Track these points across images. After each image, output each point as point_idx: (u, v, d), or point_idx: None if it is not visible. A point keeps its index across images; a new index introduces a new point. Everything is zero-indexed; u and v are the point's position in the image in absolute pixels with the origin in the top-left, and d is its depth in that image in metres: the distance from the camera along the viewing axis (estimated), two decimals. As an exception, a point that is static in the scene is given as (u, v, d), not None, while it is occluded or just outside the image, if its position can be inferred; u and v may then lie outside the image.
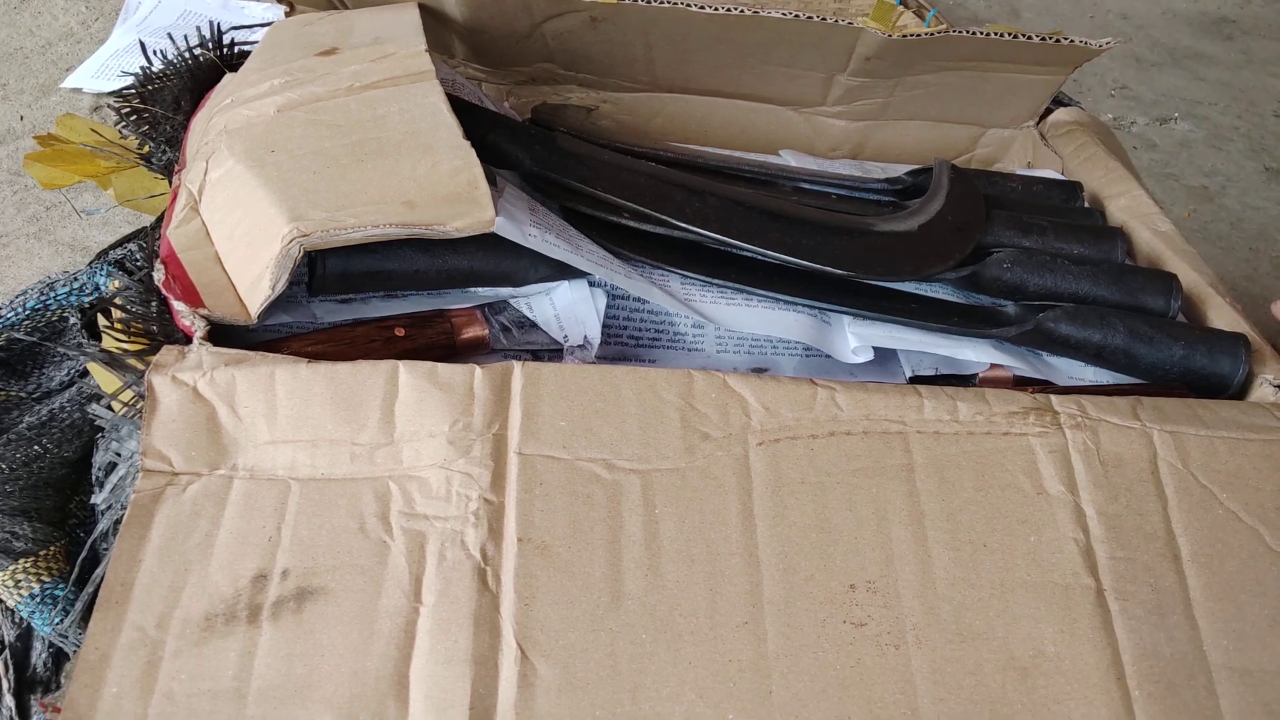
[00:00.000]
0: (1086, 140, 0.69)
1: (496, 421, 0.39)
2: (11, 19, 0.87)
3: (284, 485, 0.38)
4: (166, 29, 0.88)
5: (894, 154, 0.73)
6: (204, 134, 0.50)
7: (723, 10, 0.60)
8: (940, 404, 0.42)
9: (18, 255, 0.93)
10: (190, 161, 0.49)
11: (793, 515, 0.39)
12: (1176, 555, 0.40)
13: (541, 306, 0.50)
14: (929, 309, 0.54)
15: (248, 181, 0.44)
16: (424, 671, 0.34)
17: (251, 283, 0.42)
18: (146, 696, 0.33)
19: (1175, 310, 0.55)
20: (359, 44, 0.53)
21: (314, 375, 0.40)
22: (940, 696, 0.36)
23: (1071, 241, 0.59)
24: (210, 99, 0.56)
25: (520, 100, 0.69)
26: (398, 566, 0.36)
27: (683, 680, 0.35)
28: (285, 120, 0.48)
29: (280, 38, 0.57)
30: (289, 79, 0.51)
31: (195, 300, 0.43)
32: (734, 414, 0.41)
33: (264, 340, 0.44)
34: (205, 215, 0.46)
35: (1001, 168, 0.74)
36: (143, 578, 0.35)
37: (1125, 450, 0.42)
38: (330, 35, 0.55)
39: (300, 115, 0.48)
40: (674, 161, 0.61)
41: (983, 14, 1.22)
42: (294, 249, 0.41)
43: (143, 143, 0.58)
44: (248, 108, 0.49)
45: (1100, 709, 0.36)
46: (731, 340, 0.53)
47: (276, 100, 0.49)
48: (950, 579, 0.38)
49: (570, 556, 0.37)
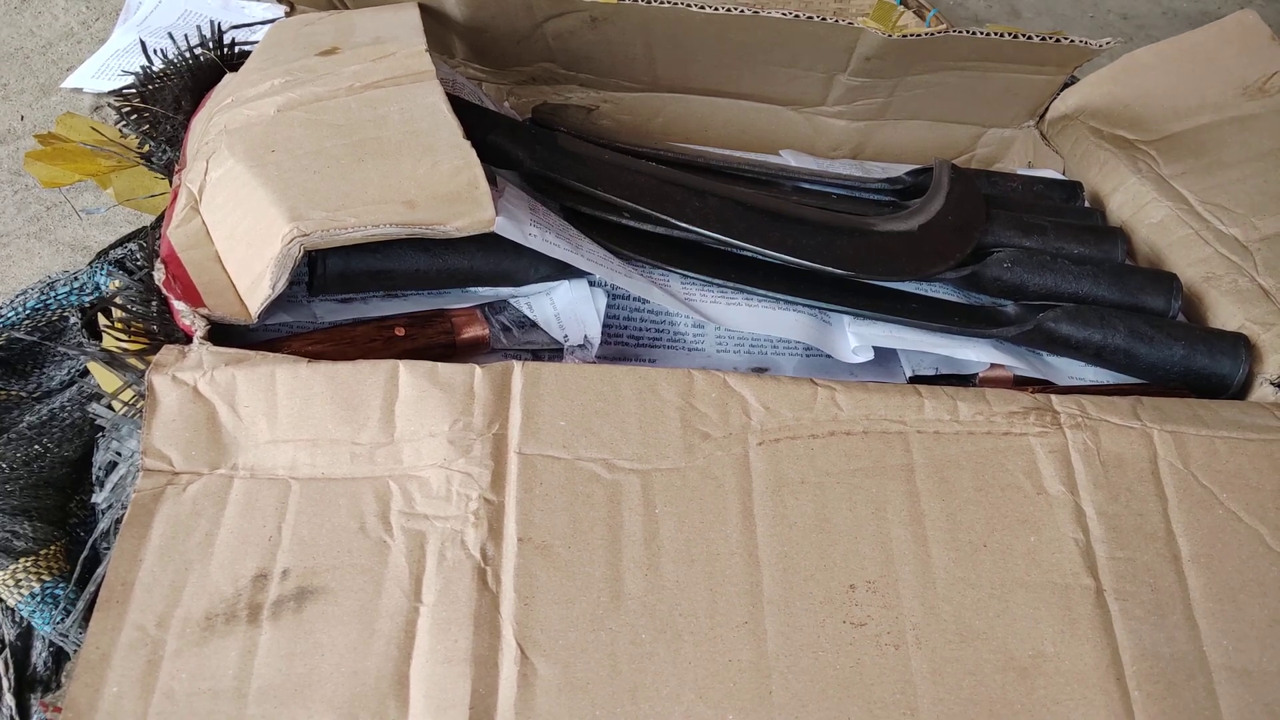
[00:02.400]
0: (1084, 134, 0.69)
1: (497, 421, 0.39)
2: (12, 19, 0.87)
3: (284, 485, 0.38)
4: (167, 29, 0.88)
5: (894, 154, 0.73)
6: (204, 133, 0.50)
7: (723, 10, 0.60)
8: (940, 404, 0.42)
9: (18, 255, 0.93)
10: (190, 161, 0.49)
11: (793, 515, 0.39)
12: (1176, 555, 0.40)
13: (542, 306, 0.50)
14: (929, 309, 0.54)
15: (248, 181, 0.44)
16: (424, 671, 0.34)
17: (252, 282, 0.42)
18: (147, 696, 0.33)
19: (1175, 310, 0.55)
20: (359, 44, 0.53)
21: (314, 375, 0.40)
22: (940, 697, 0.36)
23: (1072, 241, 0.59)
24: (211, 98, 0.56)
25: (520, 100, 0.69)
26: (398, 566, 0.36)
27: (682, 680, 0.35)
28: (285, 120, 0.48)
29: (281, 37, 0.57)
30: (289, 78, 0.51)
31: (195, 300, 0.43)
32: (734, 414, 0.41)
33: (264, 340, 0.44)
34: (205, 215, 0.46)
35: (1002, 167, 0.74)
36: (143, 577, 0.35)
37: (1125, 450, 0.42)
38: (330, 35, 0.55)
39: (300, 115, 0.48)
40: (674, 161, 0.61)
41: (983, 14, 1.22)
42: (294, 248, 0.41)
43: (143, 142, 0.58)
44: (248, 107, 0.49)
45: (1100, 709, 0.36)
46: (732, 340, 0.53)
47: (277, 100, 0.49)
48: (950, 579, 0.38)
49: (570, 556, 0.37)
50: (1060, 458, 0.41)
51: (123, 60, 0.83)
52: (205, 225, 0.46)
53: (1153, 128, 0.66)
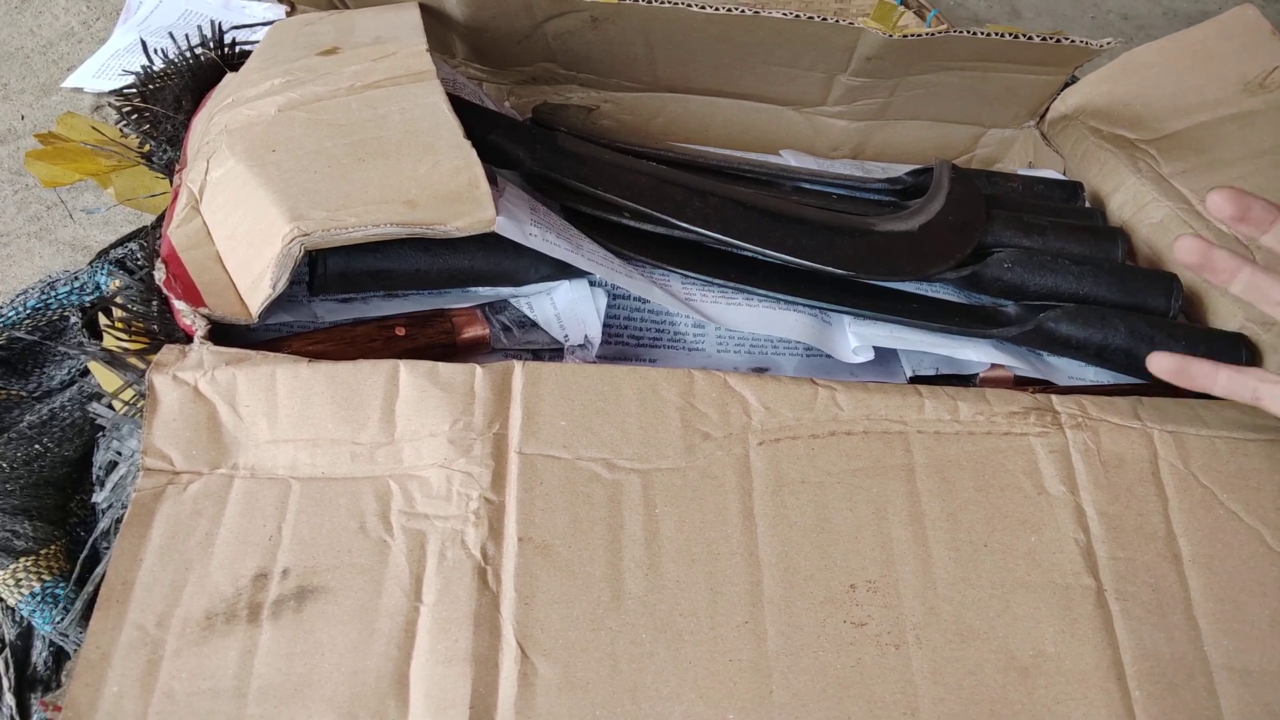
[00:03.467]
0: (1084, 134, 0.69)
1: (497, 421, 0.39)
2: (12, 19, 0.87)
3: (285, 484, 0.38)
4: (168, 28, 0.88)
5: (894, 154, 0.73)
6: (205, 133, 0.50)
7: (723, 10, 0.60)
8: (941, 404, 0.42)
9: (18, 254, 0.93)
10: (191, 161, 0.49)
11: (793, 515, 0.39)
12: (1177, 555, 0.40)
13: (542, 306, 0.50)
14: (930, 309, 0.54)
15: (248, 181, 0.44)
16: (424, 671, 0.34)
17: (252, 282, 0.42)
18: (147, 695, 0.33)
19: (1176, 310, 0.55)
20: (359, 43, 0.53)
21: (314, 374, 0.40)
22: (940, 696, 0.36)
23: (1072, 241, 0.59)
24: (211, 98, 0.56)
25: (521, 100, 0.69)
26: (398, 566, 0.36)
27: (683, 680, 0.35)
28: (286, 119, 0.48)
29: (281, 37, 0.57)
30: (290, 78, 0.51)
31: (196, 299, 0.43)
32: (734, 414, 0.41)
33: (265, 339, 0.44)
34: (206, 214, 0.46)
35: (1002, 168, 0.74)
36: (143, 576, 0.35)
37: (1126, 450, 0.42)
38: (331, 35, 0.55)
39: (301, 115, 0.48)
40: (675, 161, 0.61)
41: (983, 14, 1.22)
42: (295, 248, 0.41)
43: (143, 142, 0.58)
44: (249, 107, 0.49)
45: (1100, 709, 0.36)
46: (732, 340, 0.53)
47: (277, 100, 0.49)
48: (950, 579, 0.38)
49: (570, 556, 0.37)
50: (1061, 458, 0.41)
51: (123, 60, 0.83)
52: (206, 225, 0.46)
53: (1153, 126, 0.66)
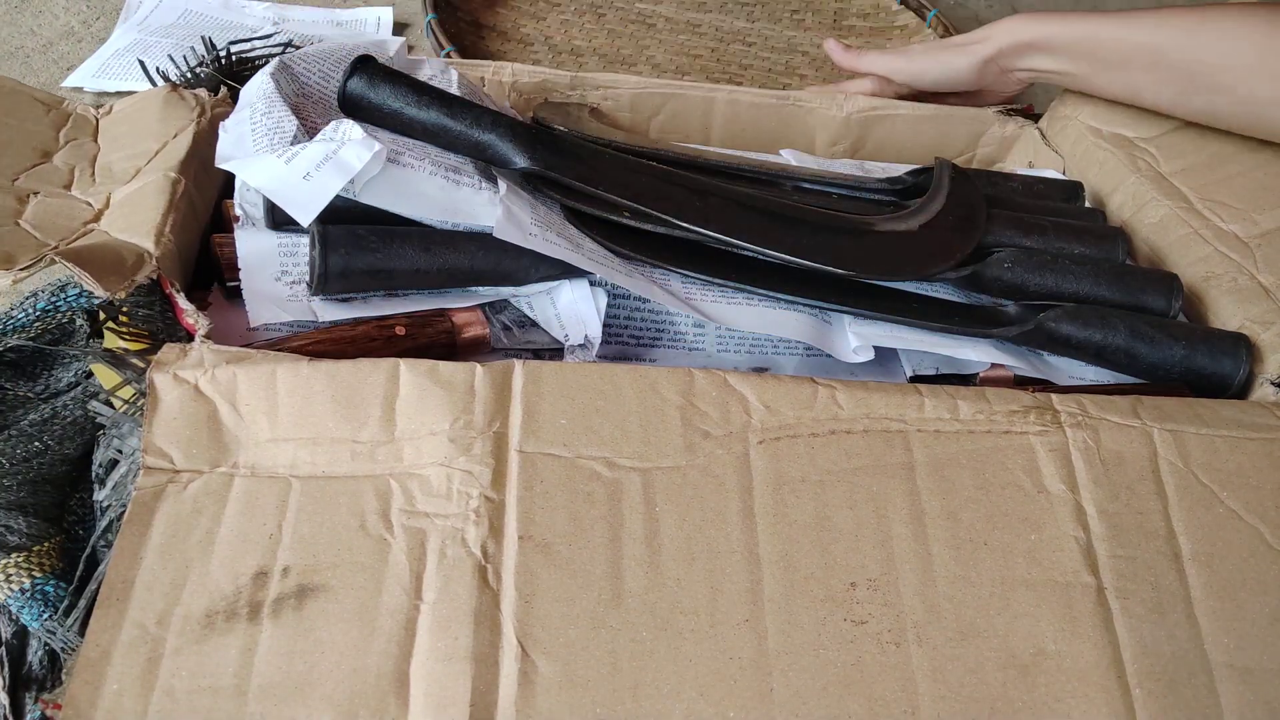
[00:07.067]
0: (1084, 133, 0.69)
1: (497, 420, 0.39)
2: (12, 18, 0.87)
3: (285, 483, 0.38)
4: (168, 28, 0.88)
5: (894, 153, 0.73)
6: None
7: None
8: (941, 403, 0.42)
9: (18, 254, 0.93)
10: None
11: (793, 513, 0.39)
12: (1177, 554, 0.40)
13: (542, 305, 0.50)
14: (930, 309, 0.54)
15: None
16: (424, 669, 0.34)
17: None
18: (147, 693, 0.33)
19: (1176, 310, 0.55)
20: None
21: (315, 373, 0.40)
22: (941, 694, 0.36)
23: (1072, 241, 0.59)
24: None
25: (522, 99, 0.69)
26: (398, 564, 0.36)
27: (683, 678, 0.35)
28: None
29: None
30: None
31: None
32: (735, 412, 0.41)
33: (265, 339, 0.44)
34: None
35: (1002, 168, 0.74)
36: (143, 575, 0.35)
37: (1126, 449, 0.42)
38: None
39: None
40: (675, 160, 0.61)
41: (983, 14, 1.22)
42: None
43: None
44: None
45: (1101, 707, 0.36)
46: (732, 339, 0.53)
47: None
48: (951, 577, 0.38)
49: (571, 554, 0.37)
50: (1060, 456, 0.41)
51: (123, 60, 0.83)
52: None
53: (1152, 124, 0.66)
